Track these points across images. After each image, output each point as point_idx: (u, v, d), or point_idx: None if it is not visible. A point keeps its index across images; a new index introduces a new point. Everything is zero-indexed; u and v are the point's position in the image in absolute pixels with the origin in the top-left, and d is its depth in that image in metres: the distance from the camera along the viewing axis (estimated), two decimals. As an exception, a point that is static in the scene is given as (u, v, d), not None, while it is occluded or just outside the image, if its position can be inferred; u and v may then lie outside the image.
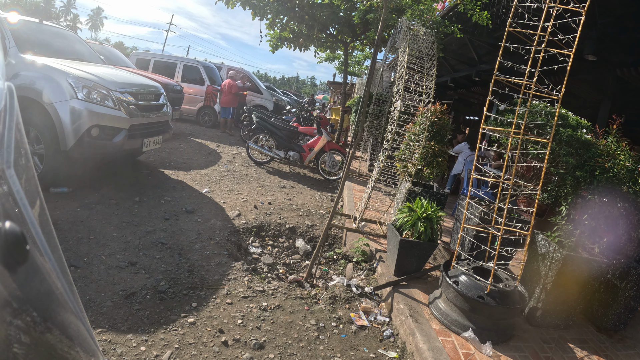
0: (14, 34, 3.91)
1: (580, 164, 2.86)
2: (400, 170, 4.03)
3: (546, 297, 2.62)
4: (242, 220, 3.89)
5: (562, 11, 2.23)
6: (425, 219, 2.99)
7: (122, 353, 1.87)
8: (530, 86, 2.33)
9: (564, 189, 2.92)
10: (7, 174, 0.43)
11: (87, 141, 3.67)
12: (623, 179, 2.62)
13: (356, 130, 6.66)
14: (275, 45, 8.09)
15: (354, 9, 7.17)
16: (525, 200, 3.55)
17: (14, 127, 0.50)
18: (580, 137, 2.99)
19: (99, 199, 3.73)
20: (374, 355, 2.25)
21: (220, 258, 3.02)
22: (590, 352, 2.51)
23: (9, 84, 0.56)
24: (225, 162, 6.48)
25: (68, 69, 3.75)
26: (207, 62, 12.27)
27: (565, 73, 2.26)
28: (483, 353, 2.23)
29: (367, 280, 3.13)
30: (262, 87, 12.35)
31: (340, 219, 4.30)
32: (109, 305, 2.20)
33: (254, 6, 6.92)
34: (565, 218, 2.78)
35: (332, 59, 12.56)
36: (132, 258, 2.76)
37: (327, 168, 6.92)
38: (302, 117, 9.06)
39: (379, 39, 3.28)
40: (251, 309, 2.45)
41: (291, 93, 21.76)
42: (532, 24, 2.32)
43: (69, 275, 0.53)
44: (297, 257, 3.64)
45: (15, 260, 0.37)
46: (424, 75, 4.02)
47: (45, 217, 0.52)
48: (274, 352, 2.10)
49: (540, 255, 2.70)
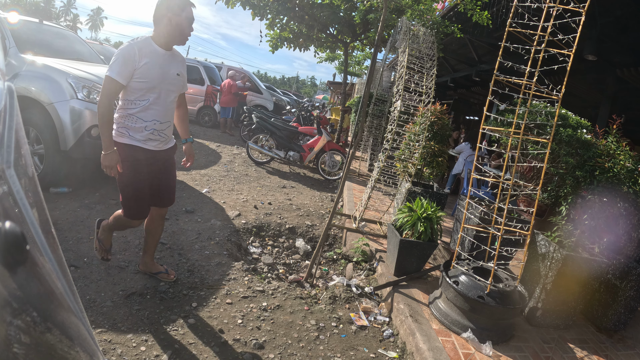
0: (14, 34, 3.91)
1: (580, 164, 2.86)
2: (400, 170, 4.03)
3: (546, 297, 2.62)
4: (242, 220, 3.89)
5: (562, 11, 2.23)
6: (425, 219, 2.99)
7: (122, 353, 1.87)
8: (530, 86, 2.33)
9: (564, 189, 2.92)
10: (7, 174, 0.43)
11: (87, 141, 3.67)
12: (623, 179, 2.62)
13: (356, 130, 6.66)
14: (275, 45, 8.09)
15: (354, 9, 7.17)
16: (525, 200, 3.55)
17: (14, 127, 0.50)
18: (580, 137, 2.99)
19: (99, 199, 3.73)
20: (374, 355, 2.25)
21: (220, 258, 3.01)
22: (590, 352, 2.51)
23: (9, 84, 0.56)
24: (225, 162, 6.48)
25: (68, 69, 3.75)
26: (207, 62, 12.27)
27: (565, 73, 2.26)
28: (483, 353, 2.23)
29: (367, 280, 3.13)
30: (262, 87, 12.35)
31: (340, 219, 4.30)
32: (109, 305, 2.20)
33: (254, 6, 6.92)
34: (565, 218, 2.78)
35: (332, 59, 12.56)
36: (132, 258, 2.76)
37: (327, 168, 6.92)
38: (302, 117, 9.06)
39: (379, 39, 3.27)
40: (251, 309, 2.45)
41: (291, 93, 21.77)
42: (532, 24, 2.32)
43: (69, 275, 0.53)
44: (297, 257, 3.64)
45: (15, 260, 0.37)
46: (424, 75, 4.02)
47: (45, 217, 0.52)
48: (274, 352, 2.10)
49: (540, 255, 2.70)
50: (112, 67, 1.98)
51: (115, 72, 1.97)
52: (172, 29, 2.10)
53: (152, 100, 2.10)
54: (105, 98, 1.98)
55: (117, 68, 1.97)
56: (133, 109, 2.08)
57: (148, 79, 2.05)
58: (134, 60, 2.00)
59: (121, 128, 2.11)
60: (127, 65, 1.98)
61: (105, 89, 1.99)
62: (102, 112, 1.99)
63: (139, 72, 2.02)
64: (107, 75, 1.97)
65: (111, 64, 1.99)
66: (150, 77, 2.05)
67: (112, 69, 1.97)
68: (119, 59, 1.98)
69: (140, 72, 2.02)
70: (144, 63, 2.02)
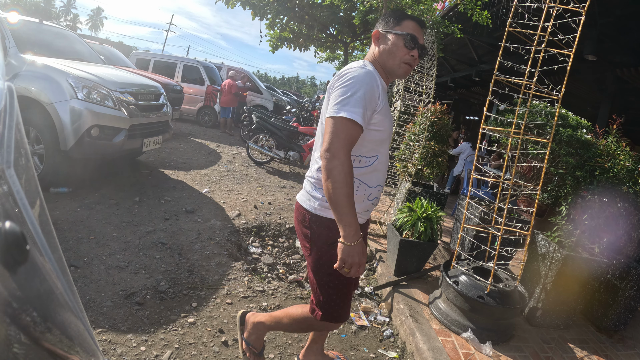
0: (14, 34, 3.91)
1: (580, 164, 2.86)
2: (400, 170, 4.03)
3: (546, 297, 2.62)
4: (242, 220, 3.89)
5: (562, 11, 2.23)
6: (425, 219, 2.99)
7: (122, 353, 1.87)
8: (530, 86, 2.33)
9: (564, 189, 2.92)
10: (7, 174, 0.43)
11: (87, 141, 3.67)
12: (623, 179, 2.62)
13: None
14: (275, 45, 8.10)
15: (354, 9, 7.18)
16: (525, 200, 3.55)
17: (14, 127, 0.50)
18: (580, 137, 2.99)
19: (99, 199, 3.73)
20: (374, 355, 2.25)
21: (220, 258, 3.01)
22: (590, 352, 2.51)
23: (9, 84, 0.56)
24: (225, 162, 6.48)
25: (68, 69, 3.75)
26: (207, 62, 12.28)
27: (565, 73, 2.26)
28: (483, 353, 2.23)
29: (367, 280, 3.13)
30: (262, 87, 12.35)
31: (340, 219, 4.30)
32: (109, 305, 2.20)
33: (254, 6, 6.93)
34: (565, 218, 2.78)
35: (332, 59, 12.59)
36: (132, 258, 2.76)
37: (327, 168, 6.91)
38: (302, 117, 9.07)
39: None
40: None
41: (291, 93, 21.77)
42: (532, 24, 2.32)
43: (69, 275, 0.53)
44: (297, 257, 3.64)
45: (15, 260, 0.37)
46: (424, 75, 4.02)
47: (45, 217, 0.52)
48: (274, 352, 2.10)
49: (540, 255, 2.70)
50: (346, 102, 1.29)
51: (358, 113, 1.28)
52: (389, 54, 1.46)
53: (381, 156, 1.47)
54: (343, 152, 1.26)
55: (358, 105, 1.29)
56: (357, 168, 1.42)
57: (384, 127, 1.43)
58: (376, 97, 1.36)
59: None
60: (370, 103, 1.33)
61: (342, 138, 1.27)
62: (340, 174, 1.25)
63: (377, 116, 1.39)
64: (343, 117, 1.28)
65: (343, 99, 1.30)
66: (385, 124, 1.43)
67: (347, 105, 1.29)
68: (358, 93, 1.30)
69: (378, 117, 1.39)
70: (383, 104, 1.41)
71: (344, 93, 1.30)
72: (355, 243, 1.26)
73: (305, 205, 1.47)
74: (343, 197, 1.24)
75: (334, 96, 1.33)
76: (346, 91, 1.30)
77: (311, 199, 1.45)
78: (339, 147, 1.26)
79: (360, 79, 1.32)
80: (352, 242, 1.26)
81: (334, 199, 1.25)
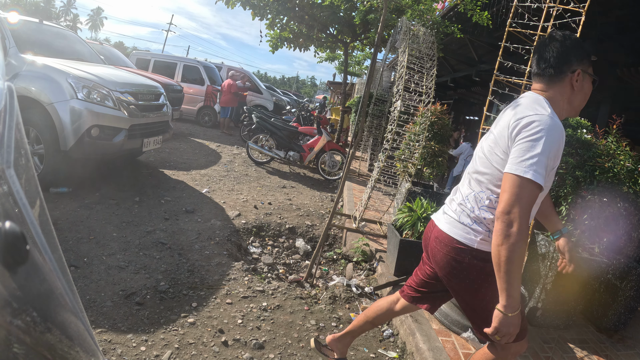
0: (14, 34, 3.91)
1: (580, 164, 2.86)
2: (400, 170, 4.03)
3: (546, 297, 2.62)
4: (242, 220, 3.89)
5: (562, 11, 2.23)
6: (425, 219, 2.99)
7: (122, 353, 1.87)
8: (530, 86, 2.33)
9: (564, 189, 2.92)
10: (7, 174, 0.43)
11: (87, 141, 3.67)
12: (623, 179, 2.62)
13: (356, 130, 6.65)
14: (275, 46, 8.09)
15: (354, 9, 7.17)
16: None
17: (14, 127, 0.50)
18: (580, 137, 2.99)
19: (99, 199, 3.73)
20: (374, 355, 2.25)
21: (220, 258, 3.01)
22: (590, 352, 2.51)
23: (9, 84, 0.56)
24: (225, 162, 6.48)
25: (68, 69, 3.75)
26: (207, 62, 12.28)
27: (565, 73, 2.25)
28: (483, 353, 2.23)
29: (367, 280, 3.14)
30: (262, 87, 12.35)
31: (340, 219, 4.30)
32: (109, 305, 2.20)
33: (254, 6, 6.92)
34: (565, 218, 2.78)
35: (332, 59, 12.58)
36: (132, 258, 2.76)
37: (327, 168, 6.92)
38: (302, 117, 9.07)
39: (379, 39, 3.27)
40: (251, 309, 2.45)
41: (291, 93, 21.78)
42: (532, 24, 2.32)
43: (69, 275, 0.53)
44: (297, 257, 3.64)
45: (15, 260, 0.37)
46: (424, 75, 4.02)
47: (45, 217, 0.52)
48: (274, 352, 2.10)
49: (540, 255, 2.70)
50: (534, 161, 1.16)
51: (543, 175, 1.17)
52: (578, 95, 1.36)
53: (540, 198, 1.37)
54: (525, 219, 1.16)
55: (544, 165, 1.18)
56: None
57: (546, 187, 1.32)
58: (559, 155, 1.26)
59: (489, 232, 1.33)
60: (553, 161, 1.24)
61: (524, 203, 1.16)
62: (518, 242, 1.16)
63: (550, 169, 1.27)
64: (530, 180, 1.16)
65: (532, 156, 1.17)
66: (549, 182, 1.32)
67: (535, 165, 1.16)
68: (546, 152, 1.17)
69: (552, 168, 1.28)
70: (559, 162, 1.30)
71: (531, 148, 1.18)
72: (514, 314, 1.22)
73: (462, 239, 1.37)
74: (516, 267, 1.18)
75: (519, 149, 1.20)
76: (533, 146, 1.18)
77: (471, 232, 1.36)
78: (521, 213, 1.16)
79: (551, 133, 1.19)
80: (512, 312, 1.21)
81: (506, 268, 1.17)
